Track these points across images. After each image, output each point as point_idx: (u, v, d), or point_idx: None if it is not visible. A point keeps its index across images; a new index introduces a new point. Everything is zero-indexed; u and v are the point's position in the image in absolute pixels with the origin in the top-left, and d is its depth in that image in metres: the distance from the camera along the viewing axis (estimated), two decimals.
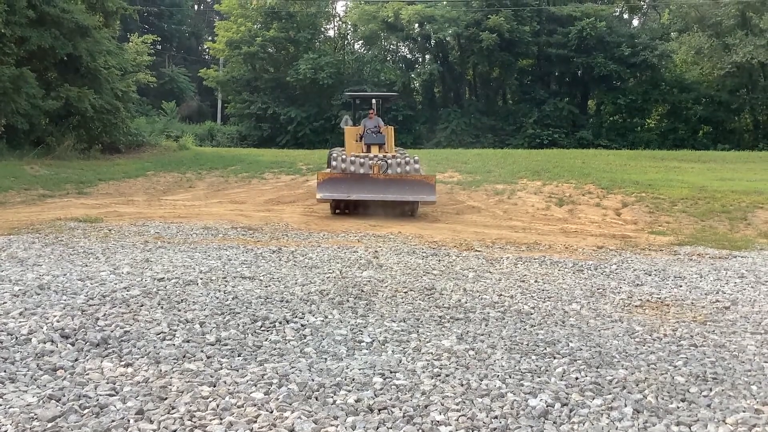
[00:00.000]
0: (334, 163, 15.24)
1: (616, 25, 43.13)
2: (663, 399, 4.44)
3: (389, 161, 15.13)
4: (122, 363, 4.74)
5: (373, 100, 18.63)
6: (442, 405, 4.20)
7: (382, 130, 16.56)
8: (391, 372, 4.74)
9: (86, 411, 3.93)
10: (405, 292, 7.24)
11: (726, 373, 4.98)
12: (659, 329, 6.11)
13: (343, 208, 15.16)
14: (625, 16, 50.17)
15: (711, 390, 4.62)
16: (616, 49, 40.33)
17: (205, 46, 53.70)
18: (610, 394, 4.48)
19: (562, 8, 41.67)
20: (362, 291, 7.19)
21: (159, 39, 41.74)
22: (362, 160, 15.14)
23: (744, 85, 39.96)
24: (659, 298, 7.43)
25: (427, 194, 14.48)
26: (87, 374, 4.50)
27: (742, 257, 10.52)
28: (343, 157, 15.29)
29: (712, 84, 40.86)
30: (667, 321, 6.46)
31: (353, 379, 4.56)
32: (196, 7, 61.24)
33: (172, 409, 4.02)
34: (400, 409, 4.11)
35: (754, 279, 8.69)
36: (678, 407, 4.32)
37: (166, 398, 4.16)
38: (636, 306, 7.06)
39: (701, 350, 5.53)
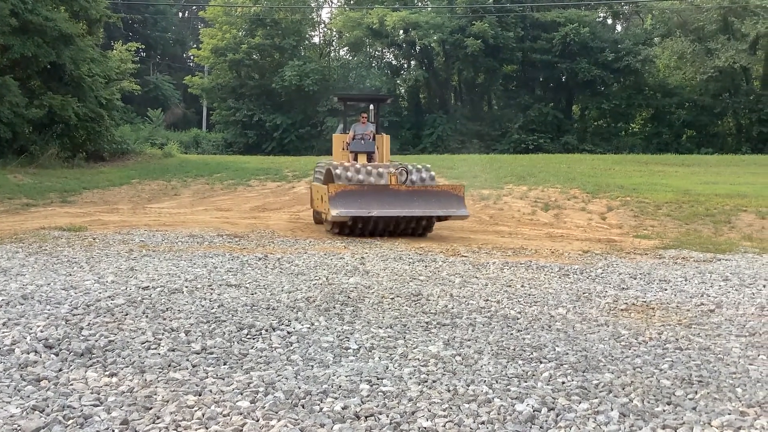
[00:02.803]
0: (339, 172, 12.84)
1: (599, 31, 43.42)
2: (649, 402, 4.45)
3: (410, 169, 13.04)
4: (107, 373, 4.70)
5: (370, 105, 16.53)
6: (429, 411, 4.19)
7: (371, 137, 14.43)
8: (377, 378, 4.72)
9: (70, 422, 3.89)
10: (391, 298, 7.23)
11: (711, 375, 5.00)
12: (645, 333, 6.13)
13: (357, 229, 12.47)
14: (609, 21, 50.54)
15: (696, 393, 4.64)
16: (600, 54, 40.59)
17: (190, 54, 53.54)
18: (596, 398, 4.49)
19: (545, 14, 41.92)
20: (349, 297, 7.17)
21: (143, 46, 41.54)
22: (379, 170, 12.97)
23: (726, 89, 40.32)
24: (644, 302, 7.46)
25: (456, 207, 12.53)
26: (71, 384, 4.46)
27: (726, 260, 10.59)
28: (356, 166, 13.09)
29: (695, 88, 41.21)
30: (652, 324, 6.49)
31: (340, 386, 4.55)
32: (180, 14, 61.08)
33: (157, 418, 3.99)
34: (387, 416, 4.09)
35: (739, 282, 8.75)
36: (664, 410, 4.33)
37: (151, 408, 4.12)
38: (622, 310, 7.09)
39: (686, 353, 5.55)
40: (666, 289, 8.21)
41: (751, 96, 39.42)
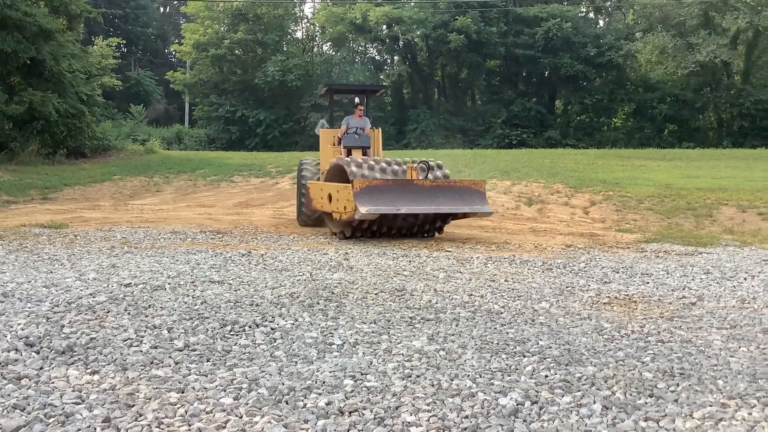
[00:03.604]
0: (354, 169, 11.77)
1: (581, 26, 43.61)
2: (631, 395, 4.48)
3: (431, 163, 12.24)
4: (88, 370, 4.66)
5: (359, 97, 15.33)
6: (413, 406, 4.19)
7: (367, 132, 13.77)
8: (361, 374, 4.72)
9: (52, 420, 3.85)
10: (375, 294, 7.22)
11: (693, 368, 5.04)
12: (627, 326, 6.17)
13: (372, 229, 11.66)
14: (591, 16, 50.77)
15: (678, 385, 4.67)
16: (582, 49, 40.78)
17: (172, 49, 53.12)
18: (579, 391, 4.51)
19: (528, 9, 42.03)
20: (333, 293, 7.16)
21: (124, 42, 41.28)
22: (394, 166, 12.20)
23: (707, 84, 40.66)
24: (627, 295, 7.51)
25: (480, 204, 11.81)
26: (52, 383, 4.42)
27: (707, 253, 10.68)
28: (369, 162, 12.08)
29: (677, 83, 41.52)
30: (634, 318, 6.53)
31: (324, 382, 4.54)
32: (162, 9, 60.64)
33: (140, 416, 3.96)
34: (371, 411, 4.09)
35: (720, 275, 8.82)
36: (646, 403, 4.36)
37: (133, 405, 4.09)
38: (604, 303, 7.12)
39: (668, 346, 5.59)
40: (648, 283, 8.26)
41: (731, 90, 39.77)
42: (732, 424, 4.06)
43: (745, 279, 8.56)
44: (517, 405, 4.24)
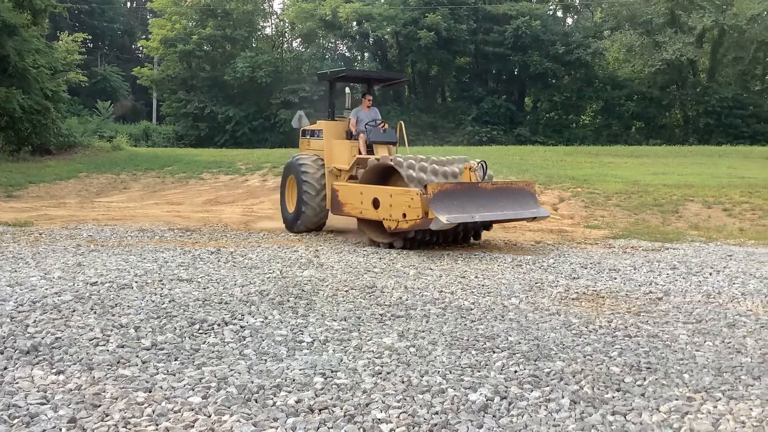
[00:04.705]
0: (412, 173, 10.45)
1: (550, 24, 43.94)
2: (599, 389, 4.52)
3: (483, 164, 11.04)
4: (53, 370, 4.59)
5: (362, 87, 13.65)
6: (383, 403, 4.19)
7: (381, 126, 12.21)
8: (332, 371, 4.71)
9: (16, 421, 3.79)
10: (346, 291, 7.21)
11: (659, 362, 5.10)
12: (595, 321, 6.23)
13: (424, 239, 10.54)
14: (559, 14, 51.19)
15: (645, 379, 4.73)
16: (551, 47, 41.10)
17: (139, 45, 52.48)
18: (547, 386, 4.54)
19: (497, 7, 42.24)
20: (303, 290, 7.13)
21: (90, 37, 40.66)
22: (445, 168, 10.94)
23: (674, 82, 41.23)
24: (595, 291, 7.58)
25: (535, 207, 10.77)
26: (16, 383, 4.34)
27: (674, 249, 10.83)
28: (421, 161, 10.81)
29: (644, 81, 42.04)
30: (602, 313, 6.60)
31: (294, 380, 4.52)
32: (128, 4, 59.89)
33: (106, 416, 3.91)
34: (341, 409, 4.08)
35: (686, 270, 8.95)
36: (613, 397, 4.41)
37: (99, 405, 4.04)
38: (573, 299, 7.19)
39: (635, 340, 5.66)
40: (615, 278, 8.35)
41: (697, 88, 40.36)
42: (698, 417, 4.12)
43: (710, 274, 8.69)
44: (487, 400, 4.26)
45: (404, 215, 9.85)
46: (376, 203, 10.38)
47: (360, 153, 11.72)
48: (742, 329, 6.08)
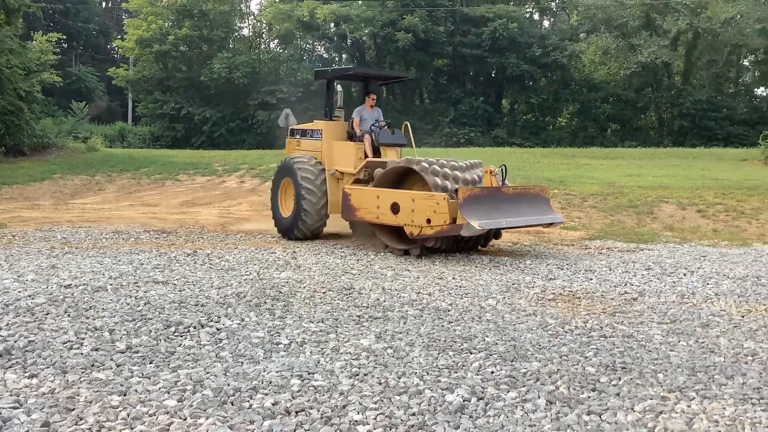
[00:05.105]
0: (439, 181, 9.90)
1: (527, 26, 44.17)
2: (574, 389, 4.55)
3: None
4: (26, 374, 4.53)
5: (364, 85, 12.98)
6: (361, 404, 4.19)
7: (384, 126, 11.77)
8: (309, 373, 4.69)
9: None
10: (323, 293, 7.20)
11: (634, 362, 5.15)
12: (571, 321, 6.28)
13: (438, 247, 10.16)
14: (536, 17, 51.49)
15: (620, 379, 4.77)
16: (528, 49, 41.31)
17: (114, 45, 51.99)
18: (524, 386, 4.57)
19: (475, 9, 42.38)
20: (280, 292, 7.11)
21: (65, 37, 40.12)
22: (466, 173, 10.38)
23: (649, 84, 41.63)
24: (571, 291, 7.64)
25: (551, 212, 10.56)
26: None
27: (648, 250, 10.94)
28: (443, 165, 10.23)
29: (619, 83, 42.40)
30: (578, 313, 6.65)
31: (270, 382, 4.50)
32: (103, 4, 59.34)
33: (80, 420, 3.87)
34: (318, 411, 4.07)
35: (660, 271, 9.04)
36: (589, 397, 4.44)
37: (73, 409, 4.00)
38: (549, 300, 7.23)
39: (611, 341, 5.70)
40: (591, 279, 8.42)
41: (672, 91, 40.79)
42: (672, 416, 4.16)
43: (684, 275, 8.79)
44: (464, 401, 4.27)
45: (429, 221, 9.44)
46: (395, 208, 9.91)
47: (366, 155, 11.23)
48: (716, 329, 6.16)
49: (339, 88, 12.65)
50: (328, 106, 12.29)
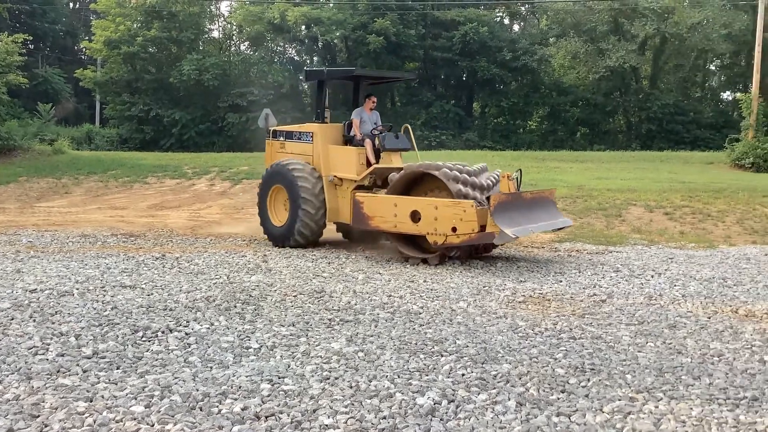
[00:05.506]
0: (462, 188, 9.48)
1: (497, 30, 44.46)
2: (544, 391, 4.58)
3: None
4: None
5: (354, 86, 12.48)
6: (331, 408, 4.17)
7: (383, 129, 11.30)
8: (279, 377, 4.66)
9: None
10: (294, 296, 7.16)
11: (603, 363, 5.19)
12: (541, 323, 6.31)
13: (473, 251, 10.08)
14: (506, 21, 51.83)
15: (589, 380, 4.81)
16: (498, 53, 41.58)
17: (82, 46, 51.29)
18: (494, 388, 4.58)
19: (446, 13, 42.58)
20: (250, 296, 7.06)
21: (31, 38, 39.48)
22: (482, 178, 9.99)
23: (617, 88, 42.13)
24: (541, 294, 7.68)
25: (560, 216, 10.57)
26: None
27: (617, 252, 11.05)
28: (465, 171, 9.83)
29: (588, 87, 42.83)
30: (548, 315, 6.69)
31: (240, 387, 4.46)
32: (71, 5, 58.55)
33: (45, 426, 3.81)
34: (288, 415, 4.04)
35: (629, 272, 9.13)
36: (558, 398, 4.46)
37: (38, 416, 3.93)
38: (519, 302, 7.27)
39: (580, 342, 5.75)
40: (561, 281, 8.48)
41: (640, 95, 41.31)
42: (640, 417, 4.20)
43: (652, 276, 8.89)
44: (435, 404, 4.27)
45: (454, 229, 9.08)
46: (415, 216, 9.52)
47: (369, 160, 10.76)
48: (683, 330, 6.24)
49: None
50: (320, 107, 11.75)
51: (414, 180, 10.04)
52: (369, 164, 10.74)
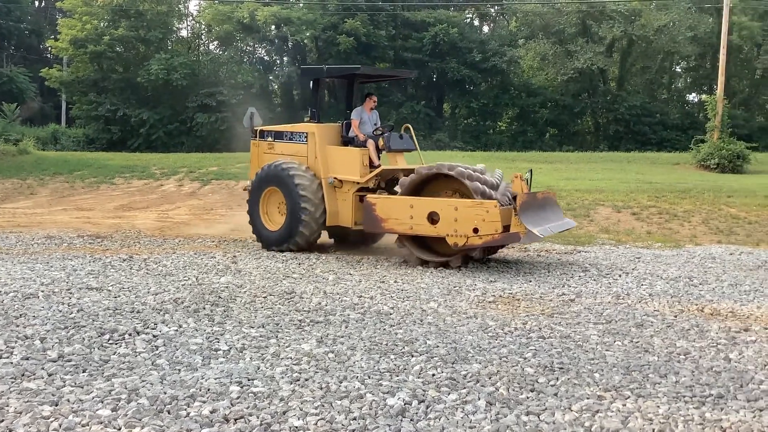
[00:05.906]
0: (483, 187, 9.27)
1: (467, 32, 44.68)
2: (514, 390, 4.60)
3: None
4: None
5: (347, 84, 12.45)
6: (301, 410, 4.15)
7: (384, 129, 11.14)
8: (248, 380, 4.63)
9: None
10: (264, 297, 7.12)
11: (571, 362, 5.24)
12: (511, 323, 6.35)
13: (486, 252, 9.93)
14: (476, 23, 52.10)
15: (558, 379, 4.84)
16: (468, 54, 41.78)
17: (47, 45, 50.53)
18: (464, 388, 4.59)
19: (416, 14, 42.69)
20: (220, 297, 7.00)
21: None
22: (496, 179, 9.81)
23: (585, 90, 42.57)
24: (511, 294, 7.73)
25: (564, 217, 10.60)
26: None
27: (585, 252, 11.16)
28: (480, 172, 9.73)
29: (557, 89, 43.23)
30: (517, 315, 6.73)
31: (209, 390, 4.42)
32: (36, 3, 57.63)
33: (10, 431, 3.73)
34: (258, 417, 4.02)
35: (597, 272, 9.23)
36: (528, 397, 4.49)
37: (2, 420, 3.86)
38: (489, 302, 7.30)
39: (549, 341, 5.79)
40: (531, 281, 8.54)
41: (607, 96, 41.78)
42: (608, 415, 4.24)
43: (619, 276, 8.99)
44: (405, 404, 4.27)
45: (476, 230, 8.84)
46: (433, 217, 9.24)
47: (371, 161, 10.44)
48: (650, 329, 6.31)
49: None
50: (316, 107, 11.48)
51: (421, 182, 9.79)
52: (371, 165, 10.46)
